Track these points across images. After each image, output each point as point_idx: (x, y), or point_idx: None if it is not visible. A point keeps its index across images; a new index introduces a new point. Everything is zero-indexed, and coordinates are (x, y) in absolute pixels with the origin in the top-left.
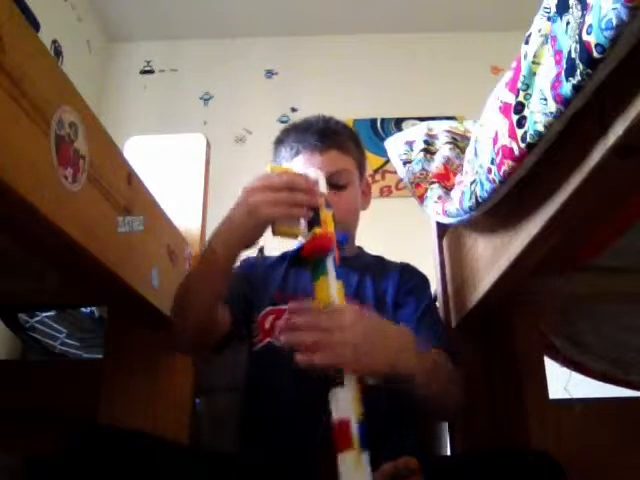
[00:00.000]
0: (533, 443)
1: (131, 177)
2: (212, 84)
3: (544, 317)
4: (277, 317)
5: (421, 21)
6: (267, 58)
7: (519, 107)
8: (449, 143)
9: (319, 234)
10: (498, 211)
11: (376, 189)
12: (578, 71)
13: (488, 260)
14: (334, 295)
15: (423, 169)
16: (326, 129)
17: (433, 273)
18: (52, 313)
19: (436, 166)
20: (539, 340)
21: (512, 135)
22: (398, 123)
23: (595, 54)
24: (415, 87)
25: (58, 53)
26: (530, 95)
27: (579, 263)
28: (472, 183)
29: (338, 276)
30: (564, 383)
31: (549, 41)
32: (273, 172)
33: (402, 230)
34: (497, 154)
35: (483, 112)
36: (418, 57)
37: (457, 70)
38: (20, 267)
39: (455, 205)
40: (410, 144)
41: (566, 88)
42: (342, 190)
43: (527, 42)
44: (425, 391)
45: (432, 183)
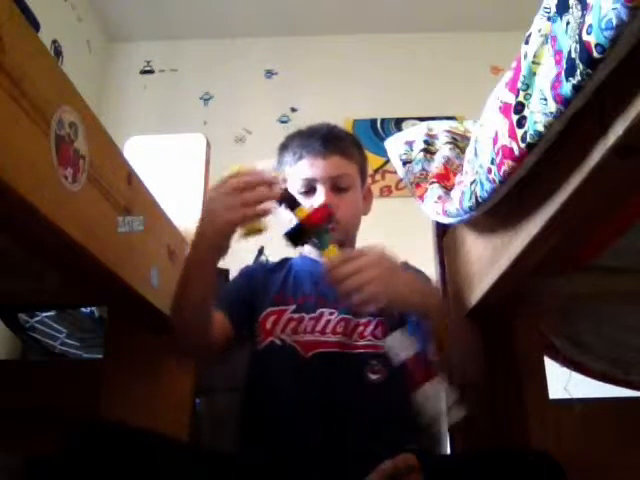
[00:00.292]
0: (533, 443)
1: (131, 177)
2: (212, 84)
3: (544, 317)
4: (278, 318)
5: (421, 21)
6: (267, 58)
7: (519, 107)
8: (449, 143)
9: (318, 207)
10: (498, 211)
11: (376, 189)
12: (578, 71)
13: (488, 260)
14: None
15: (423, 169)
16: (329, 135)
17: (433, 273)
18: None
19: (436, 166)
20: (539, 340)
21: (512, 135)
22: (398, 123)
23: (595, 54)
24: (415, 87)
25: (58, 53)
26: (530, 95)
27: (579, 263)
28: (472, 183)
29: None
30: (564, 383)
31: (549, 41)
32: (231, 172)
33: (402, 230)
34: (497, 154)
35: (483, 112)
36: (418, 57)
37: (457, 70)
38: (20, 267)
39: (455, 205)
40: (410, 144)
41: (566, 88)
42: (344, 193)
43: (527, 42)
44: (453, 338)
45: (432, 183)
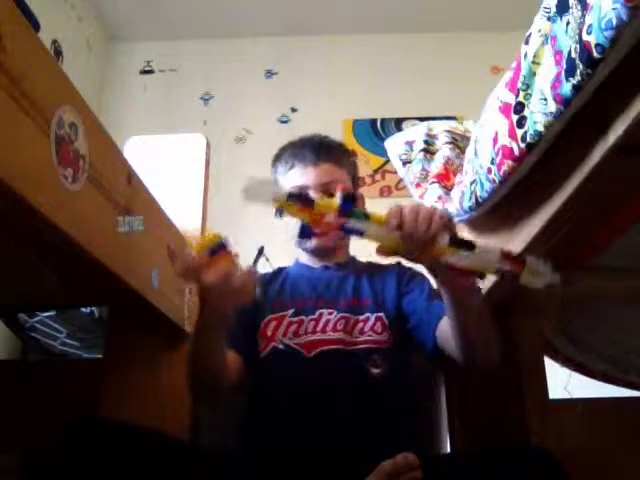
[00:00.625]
0: (533, 443)
1: (131, 177)
2: (212, 84)
3: (544, 317)
4: (278, 323)
5: (421, 21)
6: (267, 58)
7: (519, 107)
8: (449, 143)
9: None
10: (498, 211)
11: (376, 189)
12: (578, 71)
13: None
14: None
15: (423, 169)
16: (321, 144)
17: None
18: (52, 313)
19: (436, 166)
20: (539, 340)
21: (512, 135)
22: (398, 123)
23: (595, 54)
24: (415, 87)
25: (58, 53)
26: (530, 95)
27: (579, 263)
28: (472, 183)
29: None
30: (564, 383)
31: (549, 41)
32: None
33: None
34: (497, 154)
35: (483, 112)
36: (418, 57)
37: (457, 70)
38: (20, 267)
39: (455, 205)
40: (410, 144)
41: (566, 88)
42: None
43: (527, 42)
44: (479, 321)
45: (432, 183)
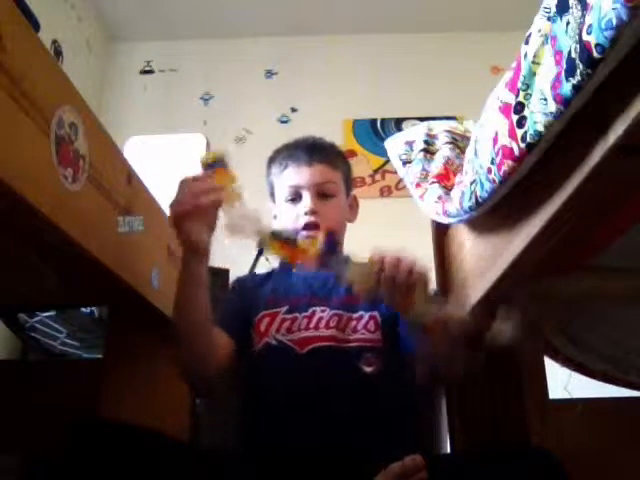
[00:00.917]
0: (533, 443)
1: (131, 177)
2: (212, 84)
3: (544, 317)
4: (272, 319)
5: (421, 21)
6: (267, 58)
7: (519, 107)
8: (449, 143)
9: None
10: (498, 211)
11: (376, 189)
12: (578, 71)
13: (488, 260)
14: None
15: (423, 169)
16: (314, 145)
17: (433, 273)
18: (52, 313)
19: (436, 166)
20: (539, 340)
21: (512, 135)
22: (398, 123)
23: (595, 54)
24: (415, 87)
25: (58, 53)
26: (530, 95)
27: (579, 263)
28: (472, 183)
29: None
30: (564, 383)
31: (549, 41)
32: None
33: (402, 230)
34: (497, 154)
35: (483, 112)
36: (418, 57)
37: (457, 70)
38: (20, 267)
39: (455, 205)
40: (410, 144)
41: (566, 88)
42: (329, 200)
43: (527, 42)
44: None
45: (432, 183)
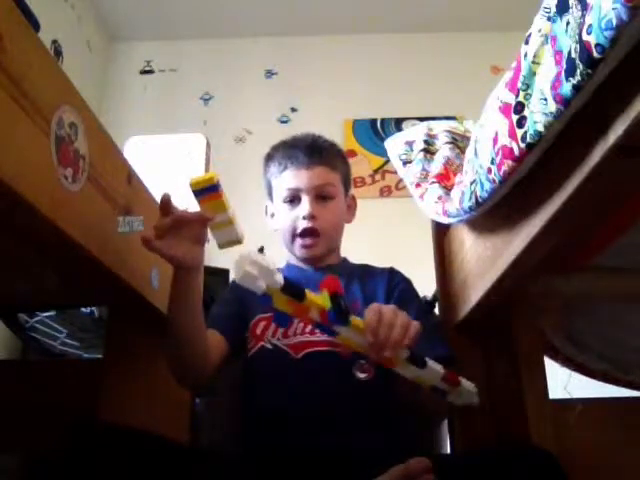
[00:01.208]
0: (533, 443)
1: (131, 177)
2: (212, 84)
3: (544, 317)
4: (268, 323)
5: (421, 21)
6: (267, 58)
7: (519, 107)
8: (449, 143)
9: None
10: (498, 211)
11: (376, 189)
12: (578, 71)
13: (488, 260)
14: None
15: (423, 169)
16: (313, 145)
17: (433, 273)
18: (52, 313)
19: (436, 166)
20: (539, 340)
21: (512, 135)
22: (398, 123)
23: (595, 54)
24: (415, 87)
25: (58, 53)
26: (530, 95)
27: (579, 263)
28: (472, 183)
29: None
30: (564, 383)
31: (549, 41)
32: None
33: (402, 230)
34: (497, 154)
35: (483, 112)
36: (418, 57)
37: (457, 70)
38: (20, 267)
39: (455, 205)
40: (410, 144)
41: (566, 88)
42: (327, 202)
43: (527, 42)
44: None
45: (432, 183)
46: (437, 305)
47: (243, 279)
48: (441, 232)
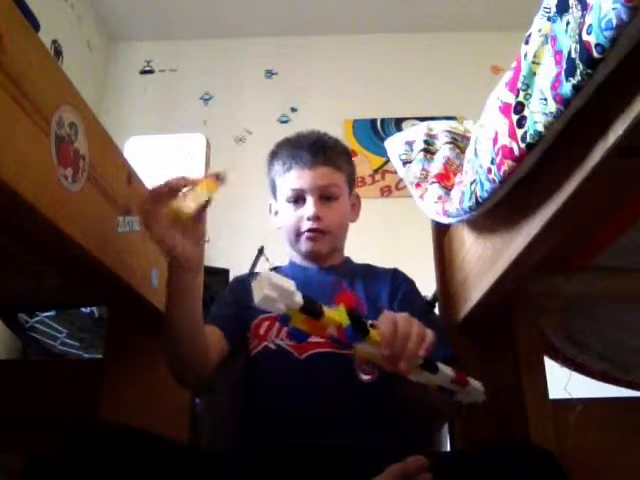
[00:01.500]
0: (533, 443)
1: (131, 177)
2: (212, 84)
3: (544, 317)
4: (271, 323)
5: (421, 21)
6: (267, 58)
7: (519, 107)
8: (449, 143)
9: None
10: (498, 211)
11: (376, 189)
12: (578, 71)
13: (488, 260)
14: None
15: (423, 169)
16: (318, 145)
17: (433, 273)
18: (52, 313)
19: (436, 166)
20: (539, 340)
21: (512, 135)
22: (398, 123)
23: (595, 54)
24: (415, 87)
25: (58, 53)
26: (530, 95)
27: (579, 263)
28: (472, 183)
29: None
30: (564, 383)
31: (549, 41)
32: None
33: (402, 230)
34: (497, 154)
35: (483, 112)
36: (418, 57)
37: (457, 70)
38: (20, 267)
39: (455, 205)
40: (410, 144)
41: (566, 88)
42: (332, 202)
43: (527, 42)
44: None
45: (432, 183)
46: (437, 305)
47: (262, 302)
48: (441, 232)
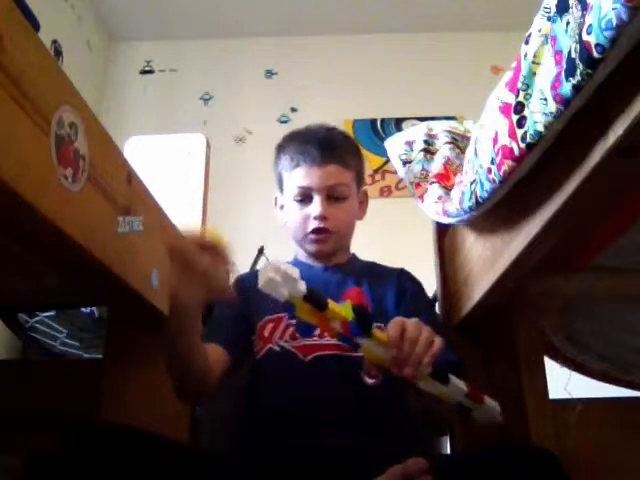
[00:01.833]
0: (533, 443)
1: (131, 177)
2: (212, 84)
3: (544, 317)
4: (276, 325)
5: (421, 21)
6: (267, 58)
7: (519, 107)
8: (449, 143)
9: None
10: (498, 211)
11: (376, 189)
12: (578, 71)
13: (488, 260)
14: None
15: (423, 169)
16: (326, 141)
17: (433, 273)
18: (52, 313)
19: (436, 166)
20: (539, 340)
21: (512, 135)
22: (398, 123)
23: (595, 54)
24: (415, 87)
25: (58, 53)
26: (530, 95)
27: (579, 263)
28: (472, 183)
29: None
30: (564, 383)
31: (549, 41)
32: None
33: (402, 230)
34: (497, 154)
35: (483, 112)
36: (418, 57)
37: (457, 70)
38: (20, 267)
39: (455, 205)
40: (410, 144)
41: (566, 88)
42: (340, 202)
43: (527, 42)
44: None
45: (432, 183)
46: (437, 305)
47: (266, 286)
48: (441, 232)
